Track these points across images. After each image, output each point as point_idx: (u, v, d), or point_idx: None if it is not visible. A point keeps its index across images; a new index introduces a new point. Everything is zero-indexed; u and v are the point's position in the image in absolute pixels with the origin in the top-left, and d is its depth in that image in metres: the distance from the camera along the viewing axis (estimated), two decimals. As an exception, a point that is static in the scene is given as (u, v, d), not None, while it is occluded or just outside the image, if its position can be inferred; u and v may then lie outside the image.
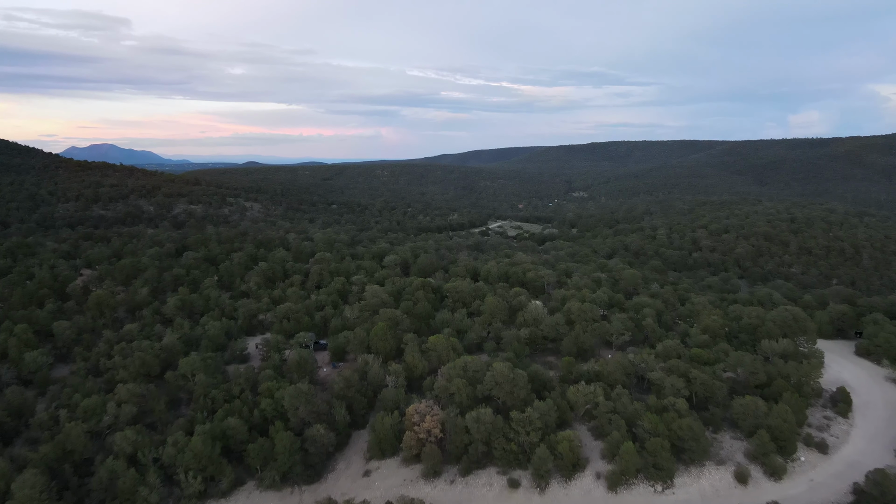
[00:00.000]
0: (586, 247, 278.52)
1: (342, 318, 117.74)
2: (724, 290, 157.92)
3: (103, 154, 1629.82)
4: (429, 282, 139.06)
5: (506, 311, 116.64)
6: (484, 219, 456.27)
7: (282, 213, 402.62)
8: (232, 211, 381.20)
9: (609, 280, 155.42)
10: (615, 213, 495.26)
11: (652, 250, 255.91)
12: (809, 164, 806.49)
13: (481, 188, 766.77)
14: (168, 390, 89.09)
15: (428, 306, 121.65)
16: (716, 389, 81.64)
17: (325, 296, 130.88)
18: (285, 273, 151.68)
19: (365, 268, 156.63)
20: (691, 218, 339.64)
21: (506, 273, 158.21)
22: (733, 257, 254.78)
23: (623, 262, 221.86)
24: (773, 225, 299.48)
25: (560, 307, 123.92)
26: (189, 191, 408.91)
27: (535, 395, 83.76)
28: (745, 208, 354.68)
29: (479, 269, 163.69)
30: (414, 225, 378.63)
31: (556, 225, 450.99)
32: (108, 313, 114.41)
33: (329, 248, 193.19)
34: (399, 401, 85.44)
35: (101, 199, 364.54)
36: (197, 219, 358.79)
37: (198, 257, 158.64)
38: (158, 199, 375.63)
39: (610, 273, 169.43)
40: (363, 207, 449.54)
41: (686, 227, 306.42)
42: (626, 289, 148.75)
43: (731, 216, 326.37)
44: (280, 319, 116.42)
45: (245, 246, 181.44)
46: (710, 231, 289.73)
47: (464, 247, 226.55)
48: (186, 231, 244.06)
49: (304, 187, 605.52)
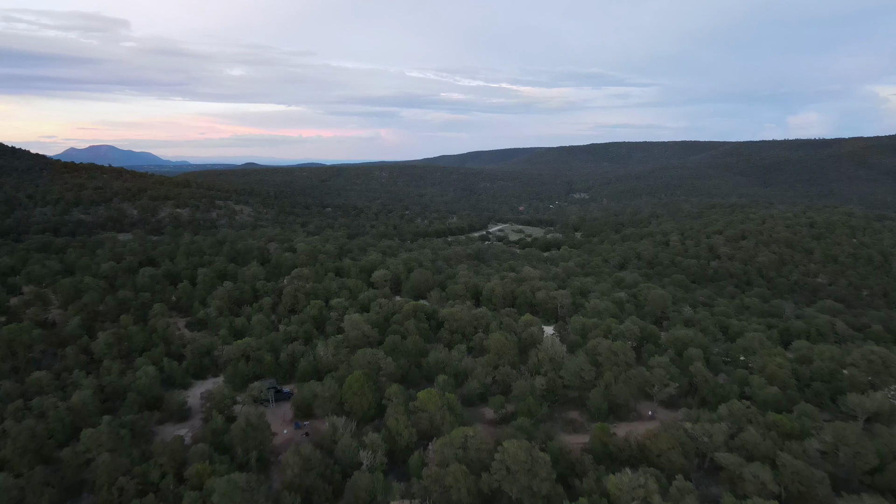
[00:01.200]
0: (595, 254, 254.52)
1: (314, 357, 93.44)
2: (767, 312, 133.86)
3: (102, 155, 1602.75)
4: (422, 307, 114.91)
5: (514, 349, 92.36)
6: (484, 222, 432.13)
7: (273, 216, 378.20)
8: (220, 215, 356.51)
9: (631, 301, 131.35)
10: (619, 215, 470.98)
11: (667, 259, 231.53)
12: (813, 165, 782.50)
13: (481, 190, 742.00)
14: (65, 474, 64.79)
15: (420, 340, 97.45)
16: (815, 483, 57.41)
17: (298, 325, 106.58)
18: (255, 294, 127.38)
19: (349, 287, 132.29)
20: (703, 222, 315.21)
21: (512, 293, 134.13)
22: (755, 266, 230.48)
23: (639, 275, 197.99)
24: (794, 230, 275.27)
25: (580, 340, 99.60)
26: (177, 194, 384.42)
27: (560, 483, 59.87)
28: (759, 212, 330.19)
29: (480, 287, 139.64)
30: (411, 229, 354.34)
31: (558, 228, 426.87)
32: (22, 353, 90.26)
33: (313, 260, 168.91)
34: (376, 491, 61.31)
35: (82, 202, 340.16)
36: (182, 223, 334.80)
37: (156, 274, 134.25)
38: (143, 202, 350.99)
39: (630, 291, 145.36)
40: (359, 211, 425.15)
41: (699, 233, 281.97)
42: (653, 312, 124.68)
43: (747, 220, 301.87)
44: (236, 359, 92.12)
45: (217, 259, 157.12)
46: (727, 237, 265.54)
47: (463, 257, 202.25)
48: (161, 239, 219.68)
49: (300, 189, 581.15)
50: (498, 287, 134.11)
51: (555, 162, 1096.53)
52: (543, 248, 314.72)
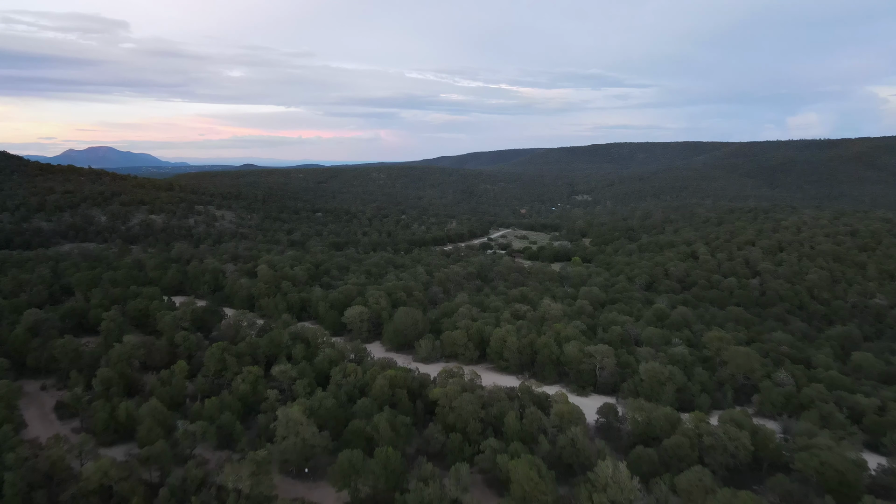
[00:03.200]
0: (614, 269, 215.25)
1: (215, 488, 54.47)
2: (882, 370, 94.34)
3: (101, 157, 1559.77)
4: (403, 378, 75.69)
5: (551, 489, 52.94)
6: (485, 227, 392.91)
7: (257, 222, 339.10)
8: (198, 221, 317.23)
9: (699, 360, 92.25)
10: (628, 219, 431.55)
11: (701, 278, 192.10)
12: (820, 165, 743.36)
13: (481, 192, 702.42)
14: None
15: (395, 456, 58.03)
16: None
17: (209, 420, 67.04)
18: (172, 352, 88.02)
19: (307, 339, 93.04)
20: (728, 231, 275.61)
21: (530, 345, 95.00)
22: (804, 286, 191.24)
23: (674, 299, 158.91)
24: (836, 240, 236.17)
25: (653, 460, 60.33)
26: (154, 198, 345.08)
27: None
28: (789, 218, 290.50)
29: (487, 333, 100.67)
30: (406, 237, 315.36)
31: (564, 234, 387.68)
32: None
33: (274, 289, 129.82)
34: None
35: (46, 207, 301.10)
36: (154, 231, 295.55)
37: (42, 319, 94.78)
38: (114, 207, 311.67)
39: (683, 336, 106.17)
40: (352, 215, 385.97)
41: (729, 244, 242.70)
42: (733, 379, 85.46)
43: (780, 229, 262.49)
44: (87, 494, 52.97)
45: (145, 290, 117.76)
46: (764, 249, 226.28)
47: (463, 278, 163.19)
48: (104, 254, 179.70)
49: (294, 192, 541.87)
50: (511, 336, 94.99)
51: (556, 163, 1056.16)
52: (552, 258, 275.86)
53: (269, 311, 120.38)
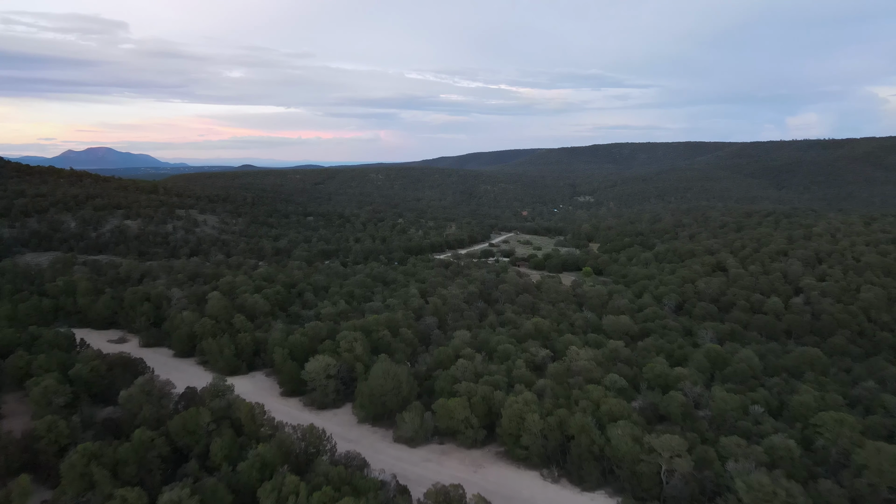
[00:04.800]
0: (636, 285, 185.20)
1: None
2: None
3: (99, 157, 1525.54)
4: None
5: None
6: (486, 231, 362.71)
7: (242, 227, 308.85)
8: (177, 227, 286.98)
9: (797, 431, 62.36)
10: (635, 222, 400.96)
11: (740, 297, 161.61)
12: (827, 166, 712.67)
13: (481, 193, 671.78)
14: None
15: None
16: None
17: None
18: (30, 451, 57.79)
19: (239, 420, 63.08)
20: (753, 238, 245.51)
21: (559, 425, 64.92)
22: (858, 306, 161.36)
23: (719, 326, 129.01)
24: (880, 250, 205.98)
25: None
26: (133, 201, 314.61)
27: None
28: (819, 223, 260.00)
29: (496, 403, 70.73)
30: (402, 243, 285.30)
31: (569, 239, 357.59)
32: None
33: (224, 325, 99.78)
34: None
35: (11, 212, 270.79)
36: (128, 238, 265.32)
37: None
38: (85, 212, 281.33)
39: (766, 402, 76.35)
40: (345, 219, 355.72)
41: (759, 254, 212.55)
42: (879, 492, 55.59)
43: (812, 236, 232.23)
44: None
45: (44, 334, 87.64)
46: (802, 261, 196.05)
47: (462, 302, 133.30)
48: (43, 268, 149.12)
49: (288, 194, 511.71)
50: (531, 412, 64.84)
51: (556, 163, 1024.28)
52: (559, 267, 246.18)
53: (211, 358, 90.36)
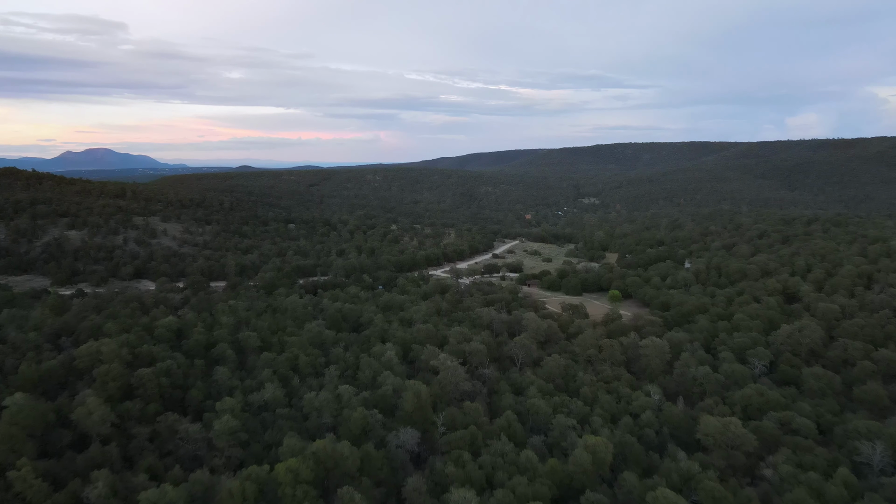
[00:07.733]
0: (691, 326, 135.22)
1: None
2: None
3: (98, 158, 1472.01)
4: None
5: None
6: (489, 240, 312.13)
7: (210, 237, 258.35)
8: (129, 238, 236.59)
9: None
10: (651, 228, 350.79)
11: (854, 350, 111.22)
12: (840, 166, 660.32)
13: (482, 194, 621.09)
14: None
15: None
16: None
17: None
18: None
19: None
20: (815, 253, 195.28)
21: None
22: None
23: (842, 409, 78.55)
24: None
25: None
26: (85, 208, 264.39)
27: None
28: (888, 234, 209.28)
29: None
30: (393, 256, 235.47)
31: (581, 248, 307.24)
32: None
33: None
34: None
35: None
36: (66, 253, 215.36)
37: None
38: (21, 221, 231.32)
39: None
40: (331, 227, 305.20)
41: (842, 279, 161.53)
42: None
43: (892, 253, 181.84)
44: None
45: None
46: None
47: (462, 377, 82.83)
48: None
49: (278, 196, 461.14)
50: None
51: (558, 164, 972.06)
52: (578, 288, 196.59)
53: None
